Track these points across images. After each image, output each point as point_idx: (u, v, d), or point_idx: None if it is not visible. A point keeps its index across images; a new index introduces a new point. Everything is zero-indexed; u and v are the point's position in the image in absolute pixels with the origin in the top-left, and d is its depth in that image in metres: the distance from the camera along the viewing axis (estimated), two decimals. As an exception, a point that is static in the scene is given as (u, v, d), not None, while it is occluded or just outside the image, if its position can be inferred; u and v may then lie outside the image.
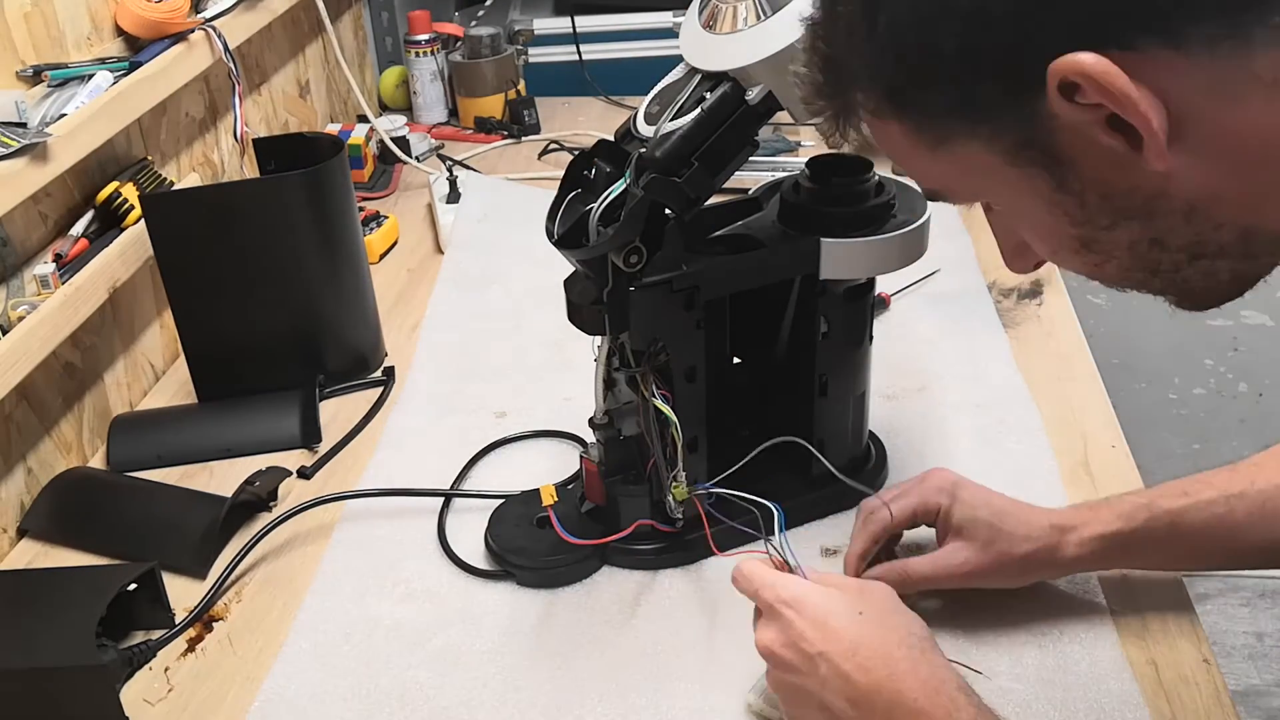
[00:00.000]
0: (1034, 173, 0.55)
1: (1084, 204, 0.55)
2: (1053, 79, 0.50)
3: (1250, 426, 2.22)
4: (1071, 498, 1.02)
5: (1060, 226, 0.57)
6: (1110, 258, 0.58)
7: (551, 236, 0.86)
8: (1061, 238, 0.58)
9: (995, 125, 0.54)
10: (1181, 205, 0.53)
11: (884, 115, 0.58)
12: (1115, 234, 0.56)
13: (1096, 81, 0.49)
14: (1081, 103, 0.50)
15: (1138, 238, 0.56)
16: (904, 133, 0.58)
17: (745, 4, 0.82)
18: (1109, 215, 0.55)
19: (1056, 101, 0.51)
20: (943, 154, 0.57)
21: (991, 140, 0.55)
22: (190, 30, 1.29)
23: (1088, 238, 0.57)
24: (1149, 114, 0.49)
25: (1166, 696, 0.82)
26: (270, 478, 1.08)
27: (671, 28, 1.90)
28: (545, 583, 0.97)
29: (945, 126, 0.56)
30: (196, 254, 1.17)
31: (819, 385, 0.98)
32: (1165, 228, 0.55)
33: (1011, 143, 0.54)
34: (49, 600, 0.92)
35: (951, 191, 0.62)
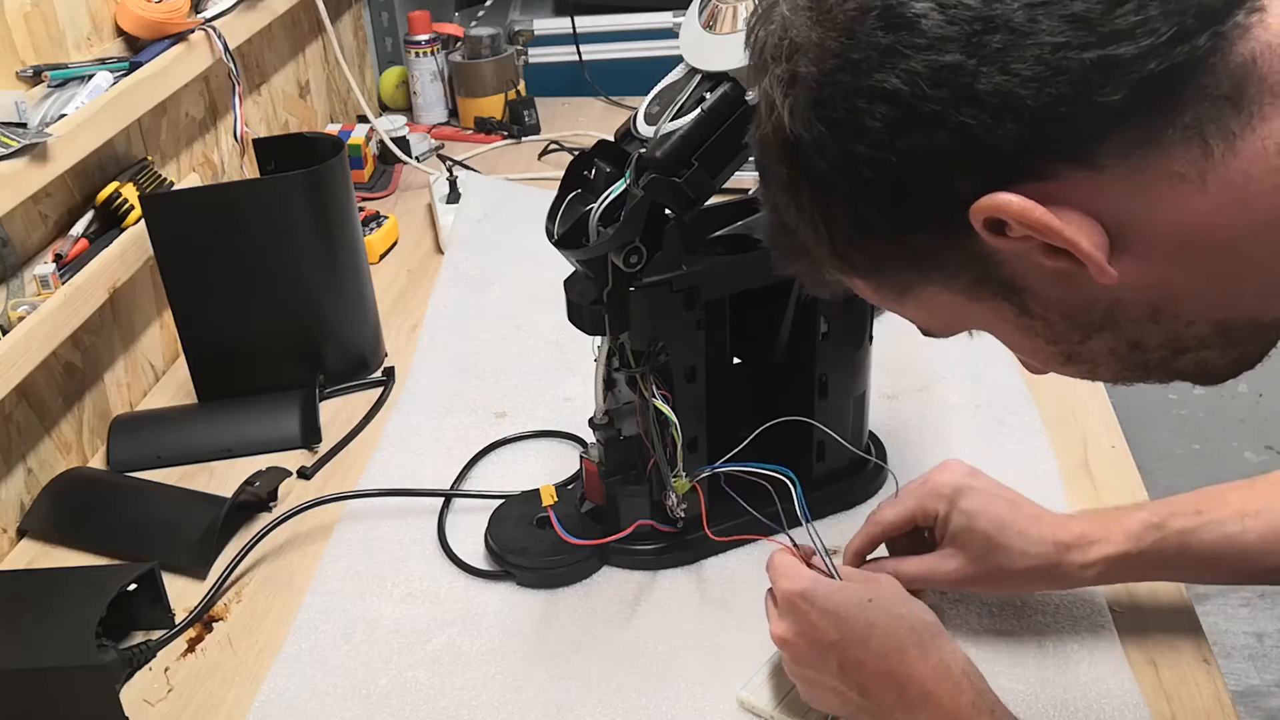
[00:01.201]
0: (996, 304, 0.56)
1: (1050, 324, 0.56)
2: (976, 222, 0.51)
3: (1250, 426, 2.22)
4: (1071, 498, 1.02)
5: (1039, 346, 0.59)
6: (1098, 365, 0.59)
7: (551, 237, 0.86)
8: (1045, 355, 0.59)
9: (944, 270, 0.56)
10: (1144, 310, 0.54)
11: (846, 275, 0.60)
12: (1091, 346, 0.57)
13: (1017, 218, 0.50)
14: (1013, 236, 0.51)
15: (1114, 345, 0.57)
16: (869, 288, 0.60)
17: (745, 4, 0.82)
18: (1078, 331, 0.56)
19: (990, 239, 0.52)
20: (909, 300, 0.59)
21: (947, 283, 0.56)
22: (190, 30, 1.29)
23: (1068, 352, 0.58)
24: (1076, 238, 0.50)
25: (1166, 696, 0.82)
26: (270, 478, 1.08)
27: (671, 28, 1.90)
28: (545, 583, 0.97)
29: (899, 279, 0.58)
30: (196, 254, 1.17)
31: (819, 385, 0.98)
32: (1136, 332, 0.55)
33: (966, 282, 0.56)
34: (49, 600, 0.92)
35: (935, 329, 0.64)
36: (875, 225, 0.54)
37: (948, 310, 0.59)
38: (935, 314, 0.60)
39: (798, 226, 0.59)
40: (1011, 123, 0.49)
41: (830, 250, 0.58)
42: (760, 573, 0.96)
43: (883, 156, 0.51)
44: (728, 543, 0.99)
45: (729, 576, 0.97)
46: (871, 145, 0.51)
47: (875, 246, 0.56)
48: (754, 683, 0.85)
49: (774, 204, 0.60)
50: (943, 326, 0.63)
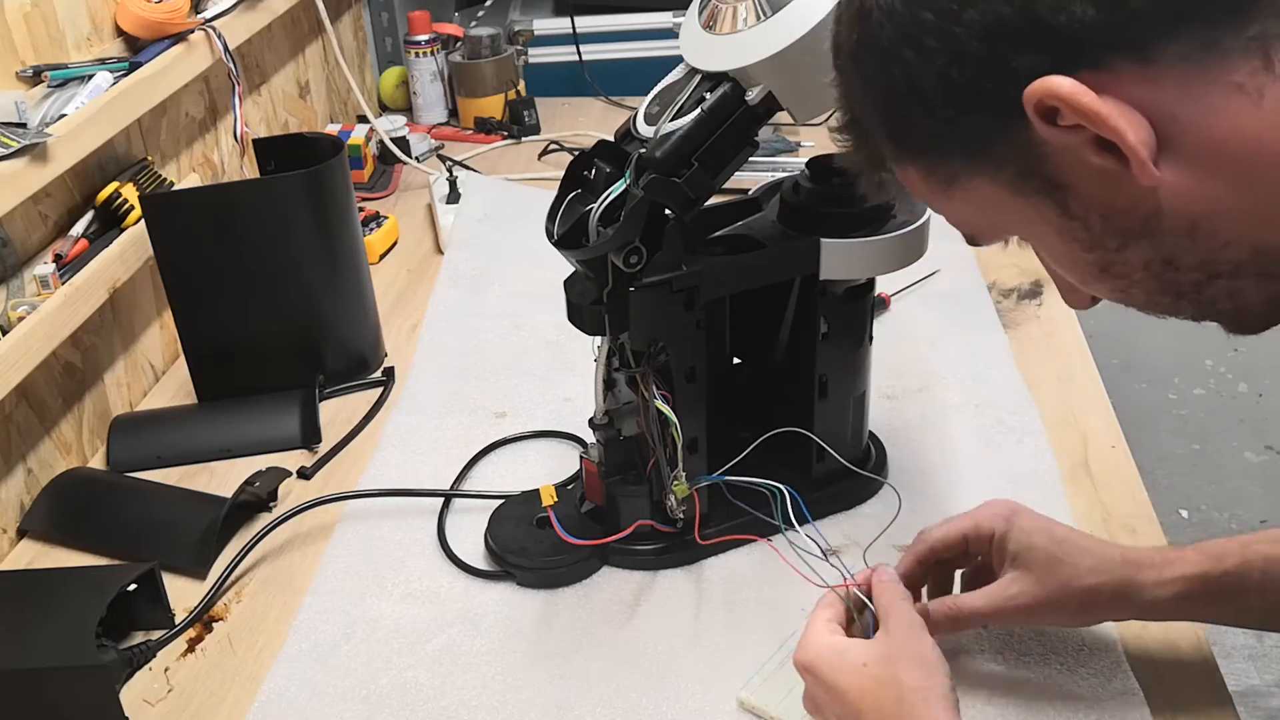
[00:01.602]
0: (1039, 202, 0.57)
1: (1089, 227, 0.56)
2: (1029, 105, 0.52)
3: (1250, 426, 2.22)
4: (1071, 498, 1.02)
5: (1075, 253, 0.59)
6: (1131, 282, 0.58)
7: (551, 237, 0.86)
8: (1080, 264, 0.59)
9: (993, 159, 0.56)
10: (1183, 223, 0.54)
11: (900, 161, 0.61)
12: (1126, 255, 0.57)
13: (1068, 102, 0.50)
14: (1064, 125, 0.52)
15: (1149, 258, 0.56)
16: (919, 176, 0.61)
17: (745, 4, 0.82)
18: (1115, 237, 0.56)
19: (1041, 128, 0.52)
20: (956, 194, 0.60)
21: (994, 175, 0.57)
22: (190, 30, 1.29)
23: (1103, 262, 0.58)
24: (1124, 129, 0.50)
25: (1166, 696, 0.82)
26: (270, 478, 1.08)
27: (671, 28, 1.90)
28: (545, 583, 0.97)
29: (950, 166, 0.58)
30: (196, 254, 1.17)
31: (819, 385, 0.98)
32: (1172, 247, 0.55)
33: (1012, 174, 0.56)
34: (49, 600, 0.92)
35: (978, 230, 0.64)
36: (932, 98, 0.55)
37: (992, 208, 0.59)
38: (980, 212, 0.61)
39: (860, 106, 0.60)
40: (1078, 5, 0.50)
41: (888, 130, 0.59)
42: (760, 573, 0.96)
43: (948, 27, 0.52)
44: (728, 543, 0.99)
45: (729, 576, 0.97)
46: (939, 14, 0.52)
47: (930, 124, 0.56)
48: (754, 683, 0.85)
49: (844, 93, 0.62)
50: (986, 228, 0.63)
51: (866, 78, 0.58)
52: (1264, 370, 2.18)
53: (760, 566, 0.97)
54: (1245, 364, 2.18)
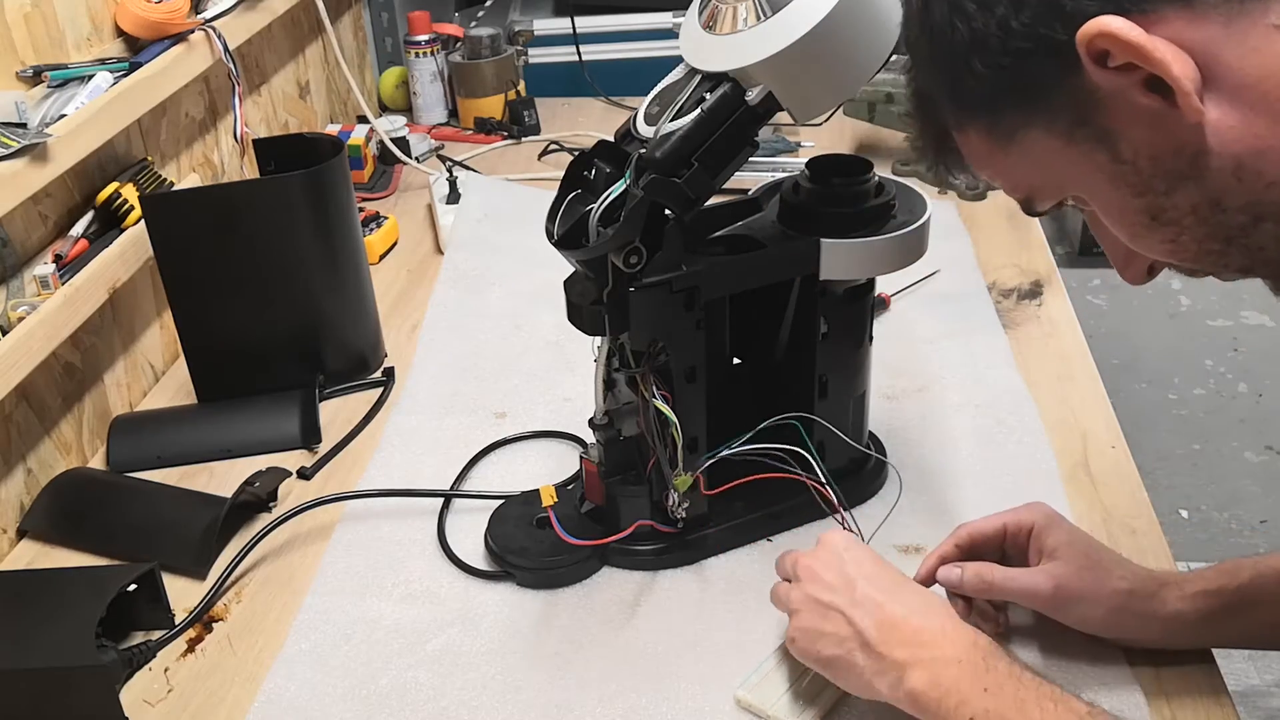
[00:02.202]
0: (1091, 149, 0.60)
1: (1139, 171, 0.59)
2: (1082, 47, 0.55)
3: (1250, 427, 2.22)
4: (1071, 498, 1.02)
5: (1126, 201, 0.61)
6: (1181, 229, 0.60)
7: (551, 237, 0.86)
8: (1131, 213, 0.61)
9: (1049, 109, 0.59)
10: (1228, 161, 0.56)
11: (962, 125, 0.65)
12: (1175, 199, 0.59)
13: (1117, 38, 0.53)
14: (1114, 67, 0.55)
15: (1197, 201, 0.58)
16: (980, 137, 0.64)
17: (745, 5, 0.82)
18: (1164, 180, 0.58)
19: (1094, 71, 0.56)
20: (1014, 149, 0.63)
21: (1050, 125, 0.60)
22: (190, 31, 1.29)
23: (1153, 208, 0.60)
24: (1170, 62, 0.53)
25: (1166, 697, 0.82)
26: (270, 478, 1.08)
27: (671, 28, 1.90)
28: (545, 583, 0.97)
29: (1009, 120, 0.62)
30: (196, 254, 1.17)
31: (819, 385, 0.98)
32: (1219, 187, 0.57)
33: (1067, 123, 0.60)
34: (49, 600, 0.92)
35: (1034, 189, 0.66)
36: (994, 49, 0.58)
37: (1048, 160, 0.62)
38: (1036, 166, 0.63)
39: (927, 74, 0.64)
40: None
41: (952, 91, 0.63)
42: (760, 573, 0.96)
43: None
44: (728, 543, 0.99)
45: (729, 576, 0.97)
46: None
47: (993, 75, 0.59)
48: (752, 681, 0.85)
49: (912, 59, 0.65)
50: (1042, 185, 0.65)
51: (934, 39, 0.61)
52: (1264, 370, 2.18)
53: (760, 567, 0.97)
54: (1245, 364, 2.18)
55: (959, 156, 0.68)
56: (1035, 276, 1.35)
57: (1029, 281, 1.35)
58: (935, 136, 0.68)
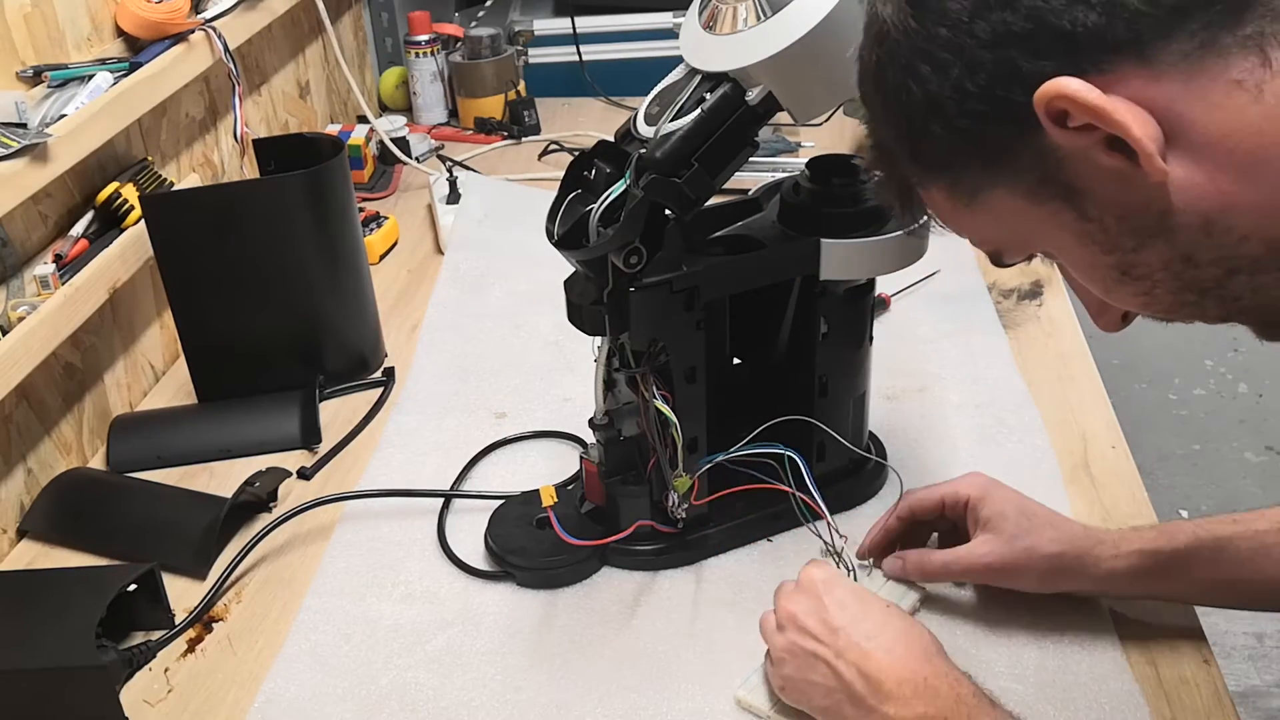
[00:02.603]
0: (1056, 208, 0.58)
1: (1106, 229, 0.58)
2: (1040, 108, 0.54)
3: (1250, 427, 2.22)
4: (1071, 498, 1.02)
5: (1095, 258, 0.60)
6: (1154, 283, 0.59)
7: (551, 237, 0.86)
8: (1101, 269, 0.60)
9: (1011, 169, 0.58)
10: (1196, 218, 0.55)
11: (925, 184, 0.63)
12: (1145, 255, 0.58)
13: (1075, 100, 0.52)
14: (1074, 127, 0.54)
15: (1168, 257, 0.57)
16: (943, 196, 0.63)
17: (745, 5, 0.82)
18: (1132, 237, 0.57)
19: (1054, 131, 0.54)
20: (979, 208, 0.61)
21: (1013, 185, 0.59)
22: (190, 31, 1.29)
23: (1123, 264, 0.59)
24: (1129, 123, 0.52)
25: (1166, 697, 0.82)
26: (270, 478, 1.08)
27: (671, 28, 1.90)
28: (545, 583, 0.97)
29: (970, 180, 0.60)
30: (196, 254, 1.17)
31: (819, 386, 0.98)
32: (1189, 243, 0.56)
33: (1030, 183, 0.58)
34: (49, 600, 0.92)
35: (1002, 245, 0.66)
36: (950, 111, 0.57)
37: (1013, 219, 0.61)
38: (1002, 225, 0.62)
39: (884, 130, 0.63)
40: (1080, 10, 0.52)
41: (911, 150, 0.61)
42: (760, 573, 0.96)
43: (960, 39, 0.55)
44: (728, 543, 0.99)
45: (729, 577, 0.97)
46: (951, 27, 0.55)
47: (950, 138, 0.58)
48: (751, 681, 0.85)
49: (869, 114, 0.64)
50: (1009, 242, 0.65)
51: (887, 98, 0.60)
52: (1264, 370, 2.18)
53: (760, 567, 0.97)
54: (1245, 364, 2.18)
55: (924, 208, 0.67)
56: (1035, 277, 1.35)
57: (1029, 281, 1.35)
58: (899, 189, 0.66)
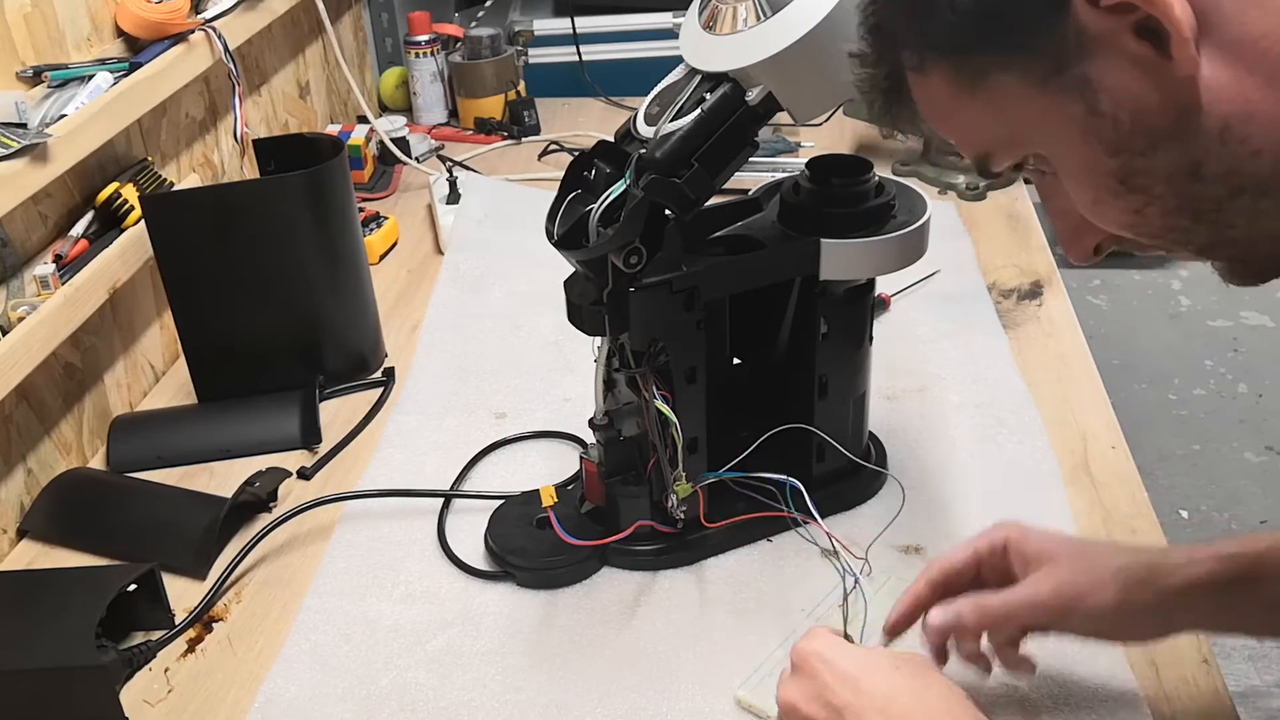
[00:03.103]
0: (1067, 98, 0.55)
1: (1118, 126, 0.55)
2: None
3: (1250, 427, 2.22)
4: (1071, 498, 1.02)
5: (1097, 159, 0.57)
6: (1150, 198, 0.57)
7: (551, 237, 0.86)
8: (1100, 175, 0.57)
9: (1029, 51, 0.55)
10: (1215, 122, 0.53)
11: (924, 67, 0.60)
12: (1153, 161, 0.55)
13: None
14: (1107, 6, 0.51)
15: (1176, 165, 0.55)
16: (943, 80, 0.59)
17: (745, 5, 0.82)
18: (1144, 137, 0.55)
19: (1084, 10, 0.52)
20: (980, 96, 0.58)
21: (1026, 69, 0.56)
22: (190, 31, 1.29)
23: (1126, 169, 0.56)
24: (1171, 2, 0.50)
25: (1166, 697, 0.82)
26: (270, 478, 1.08)
27: (671, 28, 1.90)
28: (545, 583, 0.97)
29: (980, 60, 0.57)
30: (196, 254, 1.17)
31: (819, 386, 0.98)
32: (1201, 151, 0.54)
33: (1044, 70, 0.55)
34: (49, 600, 0.92)
35: (995, 142, 0.61)
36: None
37: (1017, 109, 0.57)
38: (1002, 115, 0.59)
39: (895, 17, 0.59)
40: None
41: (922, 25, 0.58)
42: (760, 573, 0.96)
43: None
44: (728, 543, 0.99)
45: (729, 577, 0.97)
46: None
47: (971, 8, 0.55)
48: (751, 681, 0.85)
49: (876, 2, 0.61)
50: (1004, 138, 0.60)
51: None
52: (1264, 370, 2.18)
53: (760, 567, 0.97)
54: (1245, 364, 2.18)
55: (911, 107, 0.62)
56: (1035, 277, 1.35)
57: (1029, 282, 1.35)
58: (888, 81, 0.62)
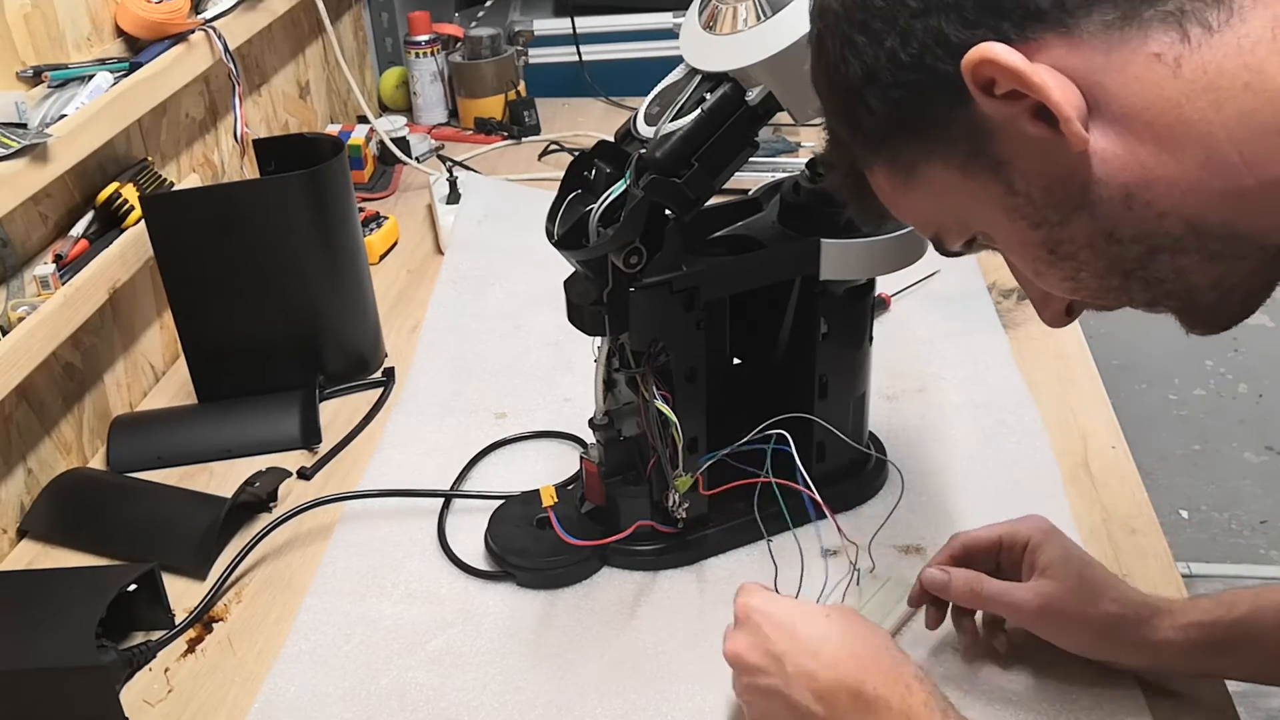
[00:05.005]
0: (987, 180, 0.59)
1: (1032, 201, 0.59)
2: (968, 74, 0.55)
3: (1250, 427, 2.22)
4: (1071, 498, 1.02)
5: (1025, 234, 0.60)
6: (1079, 264, 0.60)
7: (551, 237, 0.86)
8: (1031, 248, 0.61)
9: (944, 141, 0.59)
10: (1117, 191, 0.56)
11: (868, 163, 0.65)
12: (1070, 230, 0.58)
13: (998, 65, 0.54)
14: (1000, 95, 0.55)
15: (1092, 232, 0.58)
16: (884, 174, 0.64)
17: (745, 5, 0.82)
18: (1057, 210, 0.58)
19: (983, 101, 0.56)
20: (916, 186, 0.63)
21: (947, 158, 0.60)
22: (190, 31, 1.29)
23: (1050, 240, 0.60)
24: (1050, 86, 0.53)
25: (1167, 697, 0.82)
26: (270, 478, 1.08)
27: (671, 28, 1.90)
28: (545, 584, 0.97)
29: (908, 154, 0.61)
30: (196, 254, 1.17)
31: (819, 386, 0.98)
32: (1111, 217, 0.57)
33: (963, 156, 0.59)
34: (49, 601, 0.92)
35: (941, 225, 0.66)
36: (885, 82, 0.58)
37: (950, 195, 0.62)
38: (939, 201, 0.63)
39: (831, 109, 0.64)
40: None
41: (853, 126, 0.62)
42: (760, 573, 0.96)
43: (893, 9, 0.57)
44: (728, 543, 0.99)
45: (729, 577, 0.97)
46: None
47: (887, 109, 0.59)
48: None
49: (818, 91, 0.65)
50: (946, 221, 0.65)
51: (829, 72, 0.62)
52: (1264, 370, 2.18)
53: (760, 567, 0.97)
54: (1245, 364, 2.18)
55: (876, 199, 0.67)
56: (1035, 277, 1.35)
57: (1029, 282, 1.35)
58: (852, 179, 0.67)
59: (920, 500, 1.02)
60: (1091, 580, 0.80)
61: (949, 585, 0.84)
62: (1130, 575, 0.91)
